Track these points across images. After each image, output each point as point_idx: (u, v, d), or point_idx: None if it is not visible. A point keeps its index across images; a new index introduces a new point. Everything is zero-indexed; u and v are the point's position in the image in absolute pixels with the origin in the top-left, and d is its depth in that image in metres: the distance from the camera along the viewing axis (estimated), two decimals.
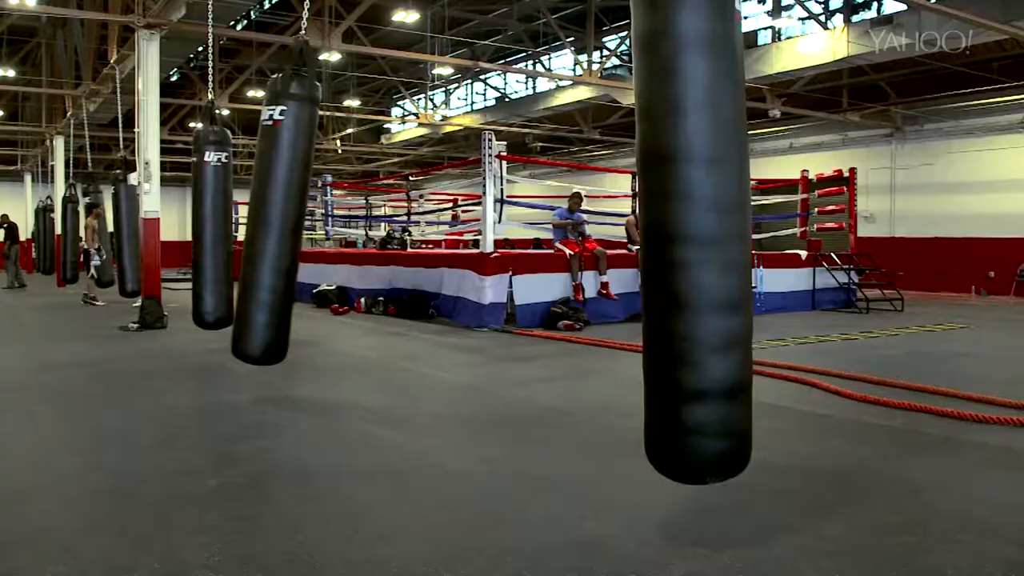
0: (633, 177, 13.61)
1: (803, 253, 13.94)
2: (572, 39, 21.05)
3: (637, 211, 3.20)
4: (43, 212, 22.14)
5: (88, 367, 7.81)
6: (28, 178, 31.14)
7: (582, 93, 20.88)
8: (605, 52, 22.12)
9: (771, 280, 13.04)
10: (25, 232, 22.69)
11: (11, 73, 21.60)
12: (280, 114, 5.39)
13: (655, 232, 2.87)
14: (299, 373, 7.39)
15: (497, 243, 11.02)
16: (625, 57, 20.70)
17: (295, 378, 7.09)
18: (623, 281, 11.32)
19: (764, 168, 20.94)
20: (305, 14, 5.88)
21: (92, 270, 14.65)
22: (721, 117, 2.80)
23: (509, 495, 3.83)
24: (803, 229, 14.82)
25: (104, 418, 5.58)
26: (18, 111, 27.28)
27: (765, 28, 19.48)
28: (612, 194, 16.71)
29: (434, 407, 6.06)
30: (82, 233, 15.77)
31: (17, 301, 16.28)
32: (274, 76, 5.53)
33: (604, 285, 11.20)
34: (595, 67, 19.66)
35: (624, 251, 11.92)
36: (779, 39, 18.25)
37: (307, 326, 11.20)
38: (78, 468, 4.33)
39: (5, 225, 20.73)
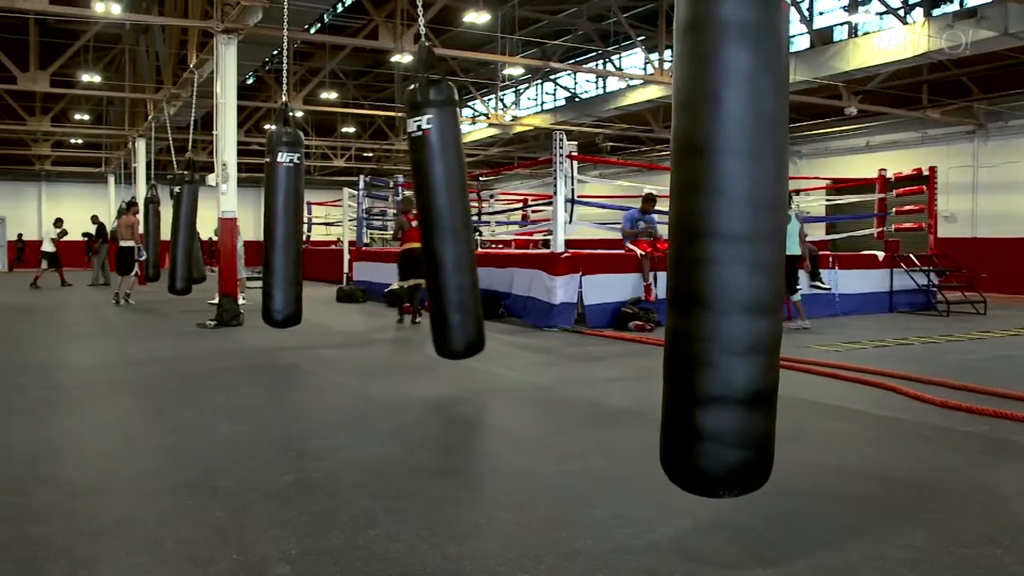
0: None
1: (880, 254, 13.62)
2: (643, 38, 20.90)
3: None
4: (124, 213, 22.85)
5: (168, 363, 8.03)
6: (111, 179, 32.18)
7: (653, 92, 20.71)
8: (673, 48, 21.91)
9: (847, 281, 12.77)
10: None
11: (97, 79, 22.30)
12: (427, 123, 5.51)
13: (684, 227, 2.77)
14: (370, 372, 7.49)
15: (567, 243, 10.99)
16: None
17: (367, 376, 7.18)
18: None
19: (839, 167, 20.53)
20: (421, 26, 5.94)
21: (135, 268, 15.09)
22: (759, 110, 2.71)
23: (580, 495, 3.82)
24: (880, 229, 14.48)
25: (183, 413, 5.73)
26: (103, 115, 28.20)
27: (841, 24, 19.05)
28: None
29: (504, 406, 6.08)
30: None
31: (102, 298, 16.82)
32: (410, 87, 5.63)
33: None
34: (667, 66, 19.49)
35: None
36: (856, 35, 17.83)
37: (378, 325, 11.35)
38: (160, 462, 4.46)
39: (95, 225, 21.42)
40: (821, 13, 19.78)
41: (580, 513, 3.56)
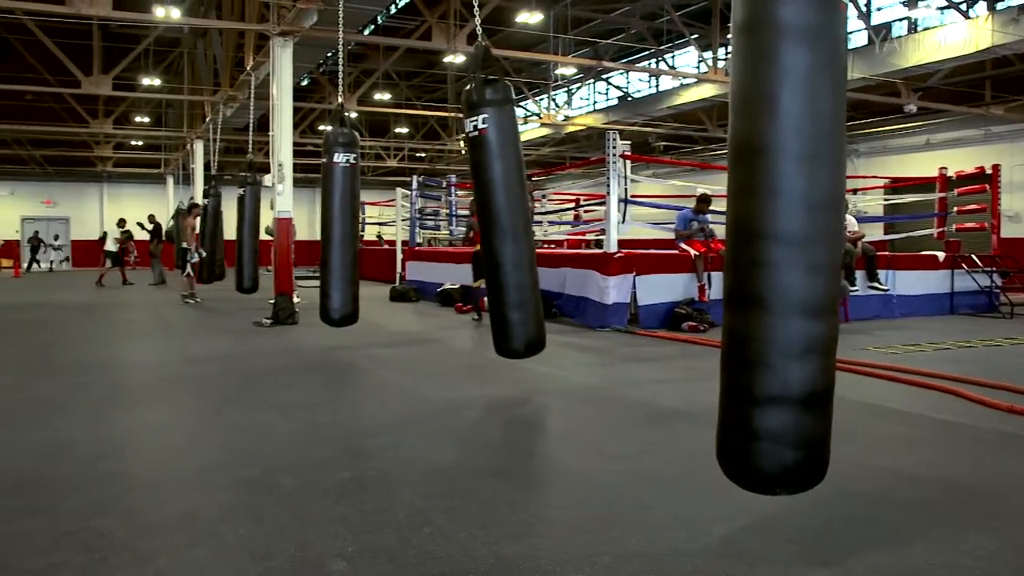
0: None
1: (941, 254, 13.31)
2: (696, 36, 20.74)
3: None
4: (183, 213, 23.33)
5: (226, 361, 8.17)
6: (170, 180, 32.83)
7: (707, 91, 20.55)
8: (730, 49, 21.68)
9: (905, 283, 12.52)
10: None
11: (157, 82, 22.80)
12: (483, 123, 5.53)
13: (741, 228, 2.76)
14: (424, 370, 7.54)
15: (620, 243, 10.94)
16: None
17: (420, 375, 7.23)
18: None
19: (898, 166, 20.16)
20: (478, 26, 5.98)
21: (188, 268, 15.36)
22: (818, 111, 2.69)
23: (634, 496, 3.81)
24: (941, 229, 14.16)
25: (241, 411, 5.83)
26: (162, 117, 28.81)
27: (900, 19, 18.70)
28: None
29: (557, 406, 6.07)
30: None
31: (160, 297, 17.18)
32: (467, 87, 5.67)
33: None
34: (720, 64, 19.31)
35: None
36: (915, 30, 17.49)
37: (431, 324, 11.42)
38: (219, 458, 4.54)
39: (152, 224, 21.89)
40: (879, 9, 19.44)
41: (634, 514, 3.54)
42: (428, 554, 3.08)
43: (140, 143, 32.17)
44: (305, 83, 24.80)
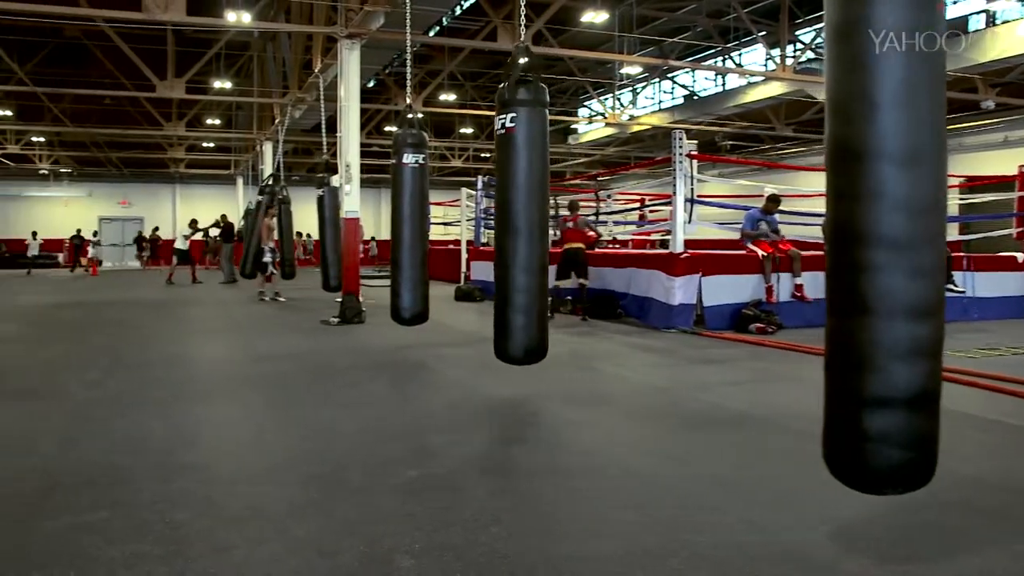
0: None
1: (1021, 256, 12.90)
2: (764, 33, 20.43)
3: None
4: (251, 213, 23.79)
5: (294, 359, 8.30)
6: (240, 181, 33.56)
7: (774, 89, 20.25)
8: (799, 46, 21.30)
9: (983, 284, 12.15)
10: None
11: (228, 85, 23.28)
12: (511, 121, 5.52)
13: (842, 232, 2.75)
14: (489, 371, 7.55)
15: (686, 243, 10.83)
16: (820, 50, 19.87)
17: (486, 375, 7.25)
18: (820, 284, 10.84)
19: (974, 163, 19.59)
20: (521, 29, 6.00)
21: (271, 268, 15.62)
22: (918, 112, 2.65)
23: (703, 498, 3.76)
24: (1020, 230, 13.71)
25: (309, 407, 5.92)
26: (232, 119, 29.43)
27: (978, 12, 18.16)
28: (806, 193, 16.06)
29: (623, 407, 6.04)
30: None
31: (231, 295, 17.54)
32: (501, 85, 5.67)
33: (798, 288, 10.80)
34: (788, 61, 19.00)
35: (821, 252, 11.39)
36: (994, 24, 16.97)
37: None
38: (289, 454, 4.61)
39: (222, 225, 22.37)
40: (955, 1, 18.92)
41: (703, 517, 3.50)
42: (495, 552, 3.09)
43: (211, 145, 32.93)
44: (371, 85, 25.05)
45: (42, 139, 31.19)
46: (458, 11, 20.48)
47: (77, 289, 19.95)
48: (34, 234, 28.68)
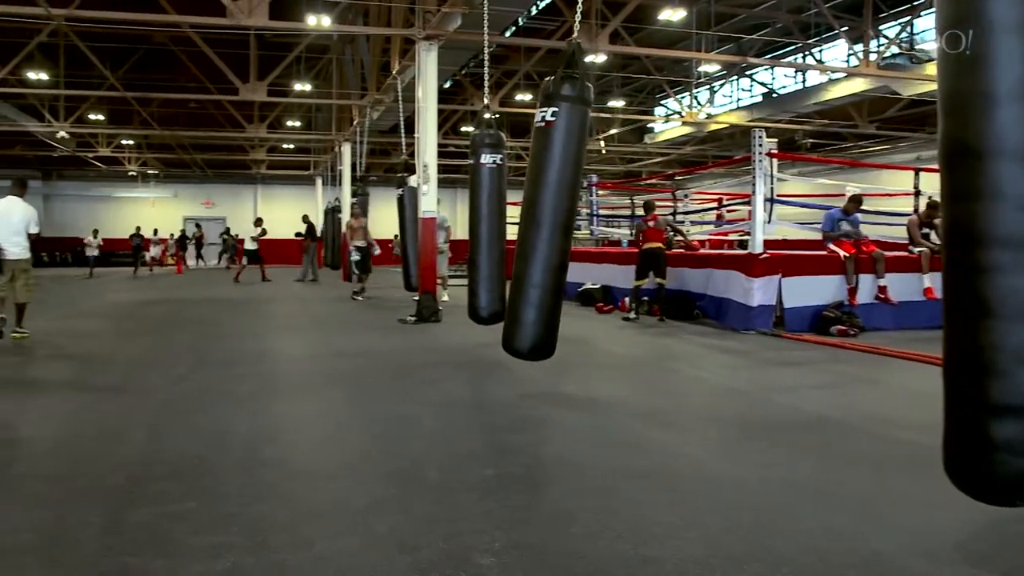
0: (916, 174, 12.69)
1: None
2: (846, 28, 19.96)
3: (918, 211, 2.97)
4: (331, 212, 24.28)
5: (373, 356, 8.42)
6: (319, 182, 34.20)
7: (857, 85, 19.79)
8: (883, 41, 20.75)
9: None
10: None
11: (307, 87, 23.74)
12: (552, 115, 5.51)
13: (960, 233, 2.66)
14: (566, 370, 7.54)
15: (765, 243, 10.63)
16: (905, 45, 19.35)
17: (563, 375, 7.24)
18: (904, 286, 10.56)
19: None
20: (577, 17, 6.00)
21: (353, 266, 15.84)
22: None
23: (785, 504, 3.69)
24: None
25: (388, 404, 5.99)
26: (311, 121, 29.98)
27: None
28: (890, 192, 15.69)
29: (701, 409, 5.96)
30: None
31: (311, 293, 17.88)
32: (546, 79, 5.66)
33: (882, 289, 10.52)
34: (872, 57, 18.53)
35: (905, 253, 11.11)
36: None
37: (572, 324, 11.41)
38: (368, 450, 4.68)
39: (305, 224, 22.84)
40: None
41: (785, 522, 3.43)
42: (574, 552, 3.08)
43: (291, 146, 33.61)
44: (448, 85, 25.25)
45: (131, 142, 32.24)
46: (534, 11, 20.51)
47: (162, 287, 20.58)
48: (95, 232, 27.69)
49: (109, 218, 35.06)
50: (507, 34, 19.81)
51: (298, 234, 23.36)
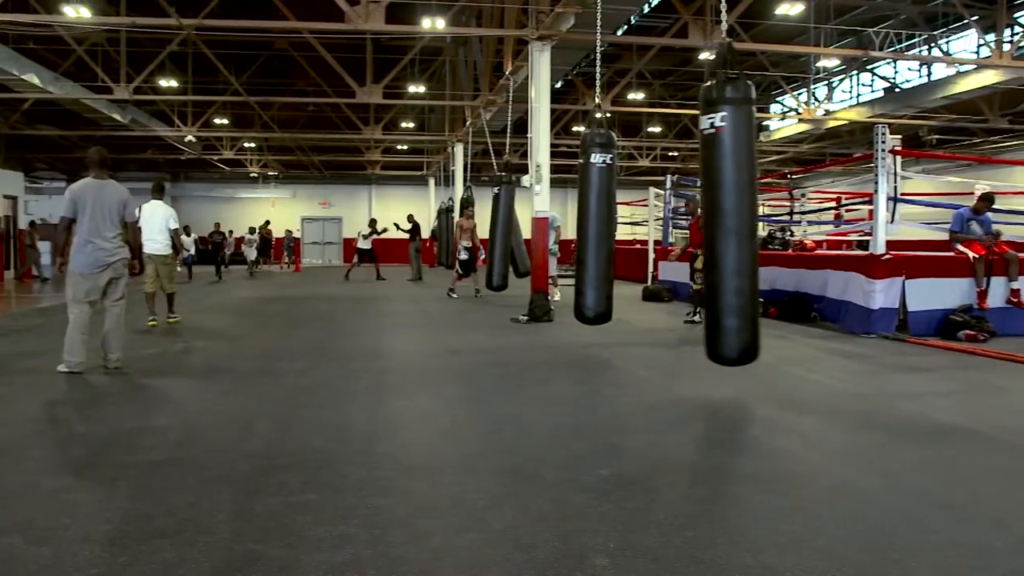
0: None
1: None
2: (976, 18, 19.05)
3: None
4: (444, 213, 24.63)
5: (485, 354, 8.50)
6: (431, 182, 34.75)
7: (988, 78, 18.87)
8: (1017, 30, 19.72)
9: None
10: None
11: (421, 89, 24.15)
12: (721, 120, 5.46)
13: None
14: (679, 371, 7.47)
15: (888, 244, 10.24)
16: None
17: (675, 376, 7.16)
18: None
19: None
20: (724, 21, 5.91)
21: (458, 265, 16.02)
22: None
23: (910, 515, 3.55)
24: None
25: (502, 403, 6.04)
26: (424, 123, 30.49)
27: None
28: None
29: (821, 414, 5.79)
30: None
31: (421, 292, 18.18)
32: (706, 84, 5.61)
33: (1015, 293, 10.01)
34: (1006, 47, 17.64)
35: None
36: None
37: (685, 325, 11.28)
38: (484, 447, 4.73)
39: (411, 224, 23.26)
40: None
41: (911, 535, 3.31)
42: (691, 557, 3.04)
43: (405, 147, 34.24)
44: (558, 85, 25.28)
45: (253, 145, 33.46)
46: (646, 9, 20.33)
47: (279, 285, 21.28)
48: (187, 229, 27.65)
49: (232, 218, 36.37)
50: (619, 32, 19.69)
51: (404, 229, 23.79)
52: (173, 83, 23.69)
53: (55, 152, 32.16)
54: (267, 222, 31.56)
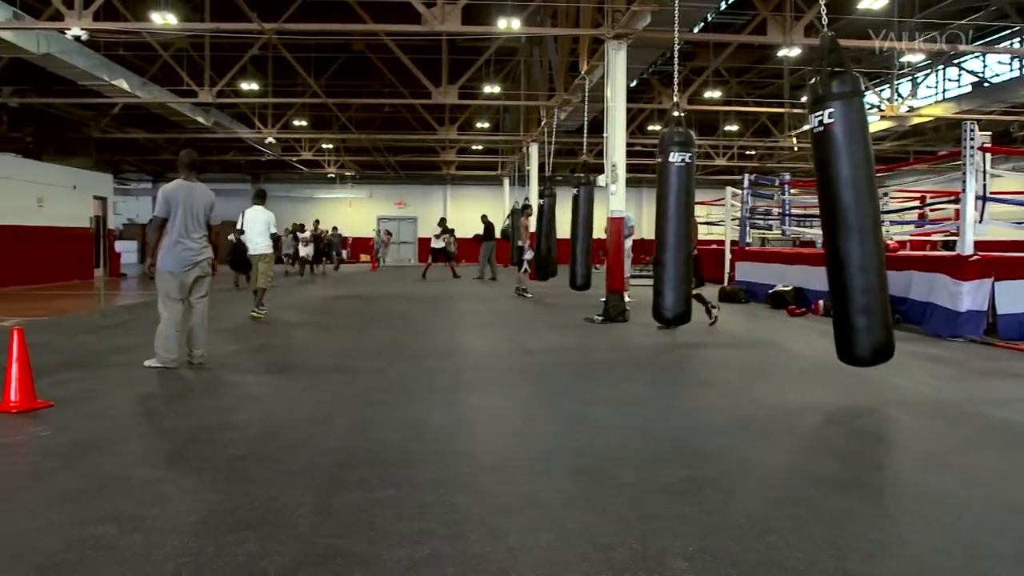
0: None
1: None
2: None
3: None
4: (516, 213, 24.65)
5: (559, 354, 8.49)
6: (506, 182, 34.86)
7: None
8: None
9: None
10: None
11: (496, 89, 24.24)
12: (829, 117, 5.37)
13: None
14: (757, 374, 7.34)
15: (976, 244, 9.91)
16: None
17: (753, 379, 7.05)
18: None
19: None
20: (824, 22, 5.81)
21: (525, 265, 16.05)
22: None
23: (1001, 524, 3.42)
24: None
25: (577, 402, 6.02)
26: (499, 123, 30.59)
27: None
28: None
29: (905, 419, 5.63)
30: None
31: (493, 291, 18.24)
32: (812, 80, 5.53)
33: None
34: None
35: None
36: None
37: (762, 327, 11.10)
38: (559, 446, 4.72)
39: (484, 224, 23.36)
40: None
41: (1003, 546, 3.19)
42: (772, 563, 2.98)
43: (480, 147, 34.42)
44: (633, 84, 25.10)
45: (330, 145, 34.03)
46: (723, 6, 20.04)
47: (356, 284, 21.59)
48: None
49: (310, 217, 37.08)
50: (696, 30, 19.46)
51: (476, 236, 23.92)
52: (254, 86, 24.23)
53: (142, 154, 33.23)
54: (316, 221, 30.82)
